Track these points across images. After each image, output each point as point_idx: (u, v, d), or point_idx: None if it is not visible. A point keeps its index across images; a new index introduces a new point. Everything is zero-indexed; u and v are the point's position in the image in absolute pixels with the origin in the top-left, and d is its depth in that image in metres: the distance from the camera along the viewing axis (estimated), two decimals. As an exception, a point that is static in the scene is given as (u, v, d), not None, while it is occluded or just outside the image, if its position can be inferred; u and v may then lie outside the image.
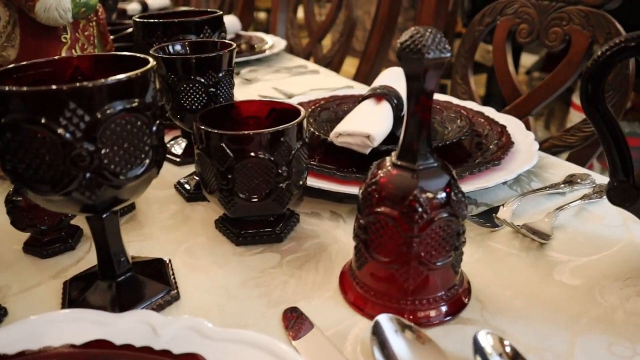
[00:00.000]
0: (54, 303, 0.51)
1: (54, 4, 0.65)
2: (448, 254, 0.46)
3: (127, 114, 0.39)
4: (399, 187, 0.44)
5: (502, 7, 1.01)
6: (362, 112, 0.75)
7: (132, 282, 0.49)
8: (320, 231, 0.61)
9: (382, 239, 0.46)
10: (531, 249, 0.58)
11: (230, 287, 0.52)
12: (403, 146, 0.45)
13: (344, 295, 0.51)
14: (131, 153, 0.40)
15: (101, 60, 0.47)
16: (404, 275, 0.46)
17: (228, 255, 0.57)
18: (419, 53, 0.41)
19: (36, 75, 0.45)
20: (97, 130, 0.38)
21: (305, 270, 0.54)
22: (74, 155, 0.38)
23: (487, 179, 0.67)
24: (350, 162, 0.71)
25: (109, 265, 0.48)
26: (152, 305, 0.48)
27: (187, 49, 0.67)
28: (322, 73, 1.28)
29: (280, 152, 0.53)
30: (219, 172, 0.53)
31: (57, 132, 0.37)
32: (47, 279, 0.55)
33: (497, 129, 0.81)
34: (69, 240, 0.59)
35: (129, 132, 0.40)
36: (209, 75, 0.62)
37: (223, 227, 0.61)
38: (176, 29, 0.72)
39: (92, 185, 0.39)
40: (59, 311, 0.44)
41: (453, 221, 0.45)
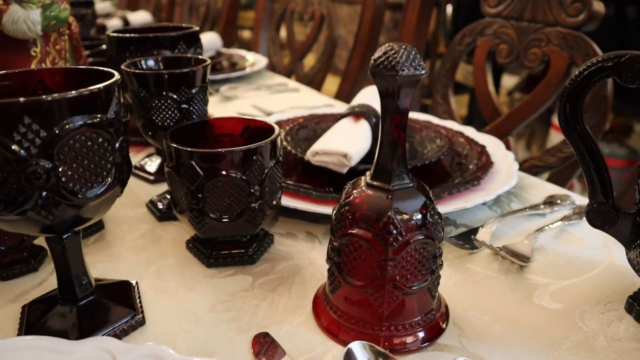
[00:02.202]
0: (10, 328, 0.48)
1: (22, 16, 0.63)
2: (424, 278, 0.44)
3: (87, 130, 0.37)
4: (373, 208, 0.43)
5: (482, 27, 1.01)
6: (339, 131, 0.73)
7: (95, 306, 0.47)
8: (295, 252, 0.59)
9: (355, 262, 0.44)
10: (511, 272, 0.56)
11: (198, 311, 0.50)
12: (377, 166, 0.44)
13: (317, 320, 0.49)
14: (92, 171, 0.38)
15: (66, 73, 0.45)
16: (379, 300, 0.44)
17: (198, 277, 0.55)
18: (392, 70, 0.39)
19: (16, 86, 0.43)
20: (55, 147, 0.36)
21: (278, 294, 0.52)
22: (29, 172, 0.36)
23: (466, 199, 0.66)
24: (327, 182, 0.70)
25: (69, 288, 0.46)
26: (115, 331, 0.45)
27: (160, 65, 0.65)
28: (303, 91, 1.27)
29: (253, 171, 0.51)
30: (189, 191, 0.51)
31: (10, 148, 0.35)
32: (6, 302, 0.52)
33: (477, 148, 0.80)
34: (31, 261, 0.56)
35: (89, 149, 0.38)
36: (181, 91, 0.60)
37: (194, 248, 0.58)
38: (150, 44, 0.70)
39: (49, 204, 0.37)
40: (13, 338, 0.41)
41: (429, 243, 0.44)
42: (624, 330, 0.47)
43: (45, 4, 0.64)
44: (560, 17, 0.89)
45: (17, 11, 0.63)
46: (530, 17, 0.93)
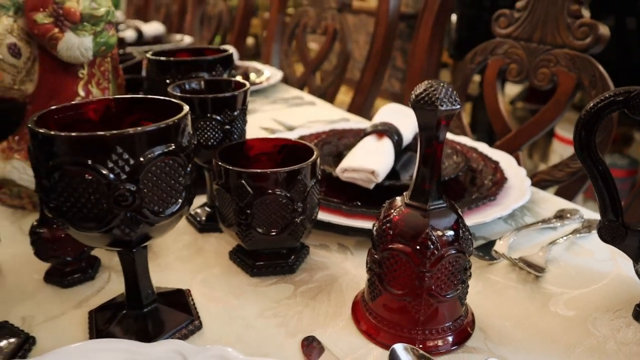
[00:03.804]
0: (79, 332, 0.53)
1: (76, 43, 0.69)
2: (456, 287, 0.50)
3: (165, 157, 0.42)
4: (412, 226, 0.48)
5: (492, 47, 1.06)
6: (365, 149, 0.79)
7: (158, 312, 0.52)
8: (330, 263, 0.65)
9: (395, 273, 0.49)
10: (527, 282, 0.61)
11: (248, 317, 0.55)
12: (415, 187, 0.49)
13: (357, 324, 0.54)
14: (168, 192, 0.44)
15: (135, 102, 0.50)
16: (416, 307, 0.49)
17: (243, 285, 0.60)
18: (432, 105, 0.45)
19: (75, 116, 0.48)
20: (140, 173, 0.41)
21: (319, 301, 0.58)
22: (118, 195, 0.41)
23: (484, 213, 0.71)
24: (353, 195, 0.75)
25: (136, 295, 0.51)
26: (177, 335, 0.51)
27: (202, 86, 0.71)
28: (318, 104, 1.32)
29: (297, 189, 0.57)
30: (238, 208, 0.57)
31: (103, 174, 0.40)
32: (70, 308, 0.57)
33: (490, 164, 0.85)
34: (88, 270, 0.62)
35: (167, 174, 0.43)
36: (225, 114, 0.65)
37: (237, 259, 0.64)
38: (189, 67, 0.75)
39: (131, 223, 0.42)
40: (90, 341, 0.46)
41: (461, 257, 0.49)
42: (632, 335, 0.53)
43: (96, 31, 0.69)
44: (568, 40, 0.94)
45: (71, 39, 0.68)
46: (539, 39, 0.98)
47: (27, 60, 0.72)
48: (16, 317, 0.55)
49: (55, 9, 0.67)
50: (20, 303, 0.58)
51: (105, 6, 0.69)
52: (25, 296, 0.59)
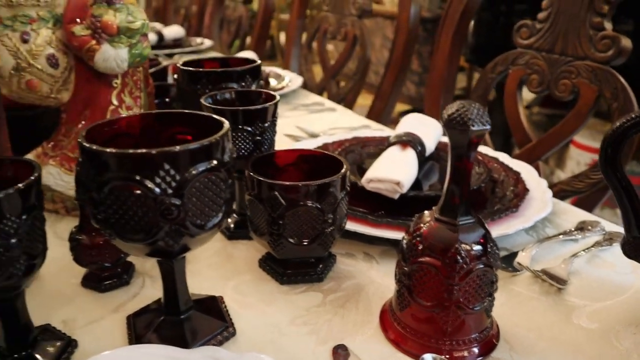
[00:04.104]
0: (119, 337, 0.55)
1: (112, 55, 0.71)
2: (483, 300, 0.51)
3: (208, 173, 0.44)
4: (441, 240, 0.50)
5: (513, 57, 1.08)
6: (390, 159, 0.80)
7: (194, 319, 0.54)
8: (356, 272, 0.66)
9: (424, 285, 0.51)
10: (550, 294, 0.63)
11: (279, 324, 0.57)
12: (445, 203, 0.51)
13: (385, 333, 0.56)
14: (210, 206, 0.46)
15: (176, 116, 0.53)
16: (444, 318, 0.51)
17: (274, 293, 0.62)
18: (464, 125, 0.46)
19: (117, 129, 0.51)
20: (185, 188, 0.43)
21: (347, 309, 0.59)
22: (164, 209, 0.43)
23: (506, 225, 0.72)
24: (376, 204, 0.76)
25: (174, 303, 0.53)
26: (213, 342, 0.53)
27: (232, 97, 0.73)
28: (339, 111, 1.34)
29: (327, 201, 0.59)
30: (271, 218, 0.59)
31: (151, 190, 0.42)
32: (108, 313, 0.59)
33: (512, 175, 0.86)
34: (124, 275, 0.64)
35: (209, 189, 0.45)
36: (256, 125, 0.67)
37: (267, 266, 0.66)
38: (219, 78, 0.77)
39: (175, 235, 0.45)
40: (133, 346, 0.48)
41: (488, 271, 0.51)
42: (655, 349, 0.54)
43: (132, 43, 0.72)
44: (590, 52, 0.95)
45: (108, 50, 0.70)
46: (560, 51, 0.99)
47: (64, 70, 0.74)
48: (57, 320, 0.57)
49: (93, 22, 0.70)
50: (60, 307, 0.60)
51: (140, 19, 0.72)
52: (65, 300, 0.61)
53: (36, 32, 0.71)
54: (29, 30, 0.71)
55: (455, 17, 1.20)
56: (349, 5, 1.57)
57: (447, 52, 1.22)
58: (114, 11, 0.70)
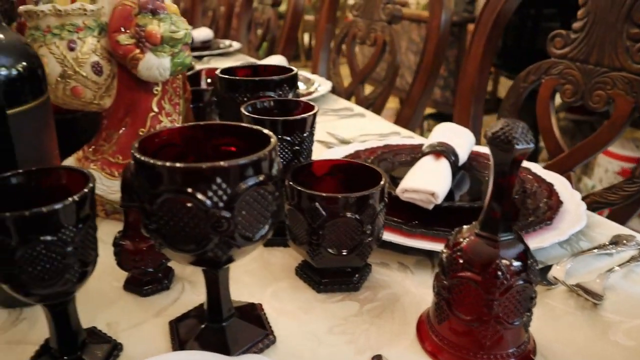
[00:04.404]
0: (162, 341, 0.57)
1: (155, 64, 0.73)
2: (522, 315, 0.52)
3: (257, 187, 0.46)
4: (482, 256, 0.51)
5: (547, 67, 1.08)
6: (424, 169, 0.81)
7: (236, 326, 0.55)
8: (391, 282, 0.67)
9: (464, 300, 0.52)
10: (586, 309, 0.63)
11: (318, 332, 0.58)
12: (486, 219, 0.51)
13: (421, 344, 0.56)
14: (258, 219, 0.47)
15: (223, 128, 0.54)
16: (482, 332, 0.52)
17: (311, 301, 0.63)
18: (509, 144, 0.47)
19: (165, 140, 0.52)
20: (235, 201, 0.44)
21: (384, 319, 0.60)
22: (214, 221, 0.44)
23: (540, 238, 0.72)
24: (409, 213, 0.77)
25: (217, 310, 0.54)
26: (254, 349, 0.54)
27: (271, 105, 0.74)
28: (368, 117, 1.35)
29: (367, 213, 0.60)
30: (311, 228, 0.60)
31: (203, 203, 0.43)
32: (151, 317, 0.61)
33: (544, 187, 0.86)
34: (164, 280, 0.65)
35: (258, 202, 0.46)
36: (295, 135, 0.68)
37: (303, 274, 0.67)
38: (258, 86, 0.79)
39: (224, 246, 0.46)
40: (181, 352, 0.50)
41: (528, 287, 0.51)
42: (693, 368, 0.54)
43: (174, 52, 0.73)
44: (627, 63, 0.95)
45: (151, 59, 0.72)
46: (596, 61, 0.99)
47: (107, 78, 0.76)
48: (102, 323, 0.59)
49: (137, 31, 0.72)
50: (103, 309, 0.62)
51: (183, 29, 0.73)
52: (108, 303, 0.63)
53: (82, 41, 0.73)
54: (76, 38, 0.73)
55: (488, 25, 1.20)
56: (378, 10, 1.58)
57: (479, 60, 1.22)
58: (158, 21, 0.71)
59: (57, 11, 0.71)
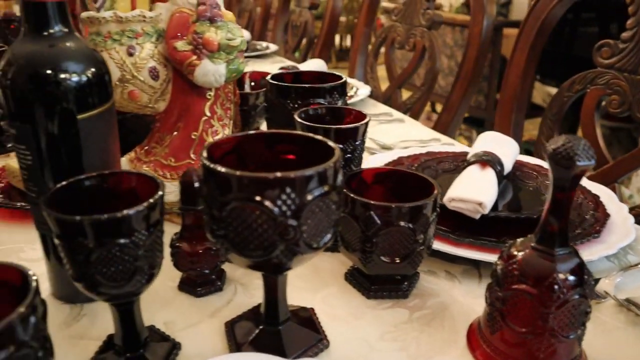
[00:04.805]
0: (218, 342, 0.59)
1: (211, 70, 0.75)
2: (576, 329, 0.52)
3: (323, 197, 0.47)
4: (539, 269, 0.51)
5: (593, 76, 1.07)
6: (471, 178, 0.81)
7: (291, 330, 0.57)
8: (439, 290, 0.68)
9: (519, 312, 0.52)
10: (637, 324, 0.63)
11: (369, 338, 0.59)
12: (543, 232, 0.52)
13: (472, 353, 0.57)
14: (321, 227, 0.48)
15: (285, 136, 0.55)
16: (537, 345, 0.52)
17: (361, 307, 0.64)
18: (570, 160, 0.47)
19: (227, 148, 0.54)
20: (302, 211, 0.46)
21: (433, 327, 0.61)
22: (282, 229, 0.46)
23: (588, 251, 0.72)
24: (455, 222, 0.77)
25: (274, 313, 0.56)
26: (309, 353, 0.55)
27: (323, 112, 0.75)
28: (407, 122, 1.36)
29: (420, 222, 0.60)
30: (365, 236, 0.61)
31: (272, 211, 0.45)
32: (205, 317, 0.63)
33: (590, 198, 0.86)
34: (217, 282, 0.67)
35: (323, 211, 0.47)
36: (347, 143, 0.70)
37: (353, 280, 0.68)
38: (309, 93, 0.80)
39: (289, 253, 0.47)
40: (241, 354, 0.52)
41: (583, 302, 0.51)
42: None
43: (229, 59, 0.75)
44: (675, 76, 0.94)
45: (207, 65, 0.74)
46: (644, 73, 0.98)
47: (163, 82, 0.79)
48: (159, 322, 0.61)
49: (195, 38, 0.73)
50: (160, 309, 0.64)
51: (239, 36, 0.75)
52: (164, 303, 0.65)
53: (141, 46, 0.75)
54: (135, 44, 0.75)
55: (532, 33, 1.20)
56: (418, 15, 1.58)
57: (522, 68, 1.22)
58: (215, 29, 0.73)
59: (118, 18, 0.74)
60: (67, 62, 0.56)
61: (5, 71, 0.56)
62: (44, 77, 0.55)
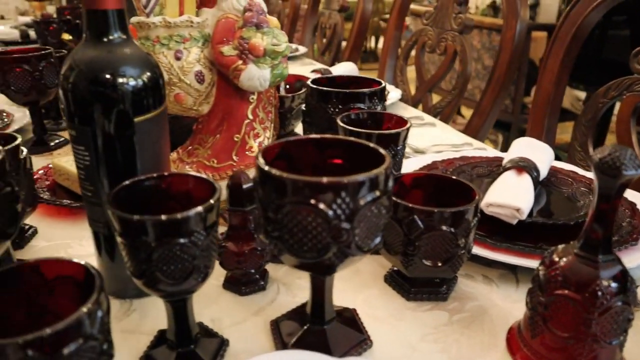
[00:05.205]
0: (264, 339, 0.61)
1: (256, 75, 0.77)
2: (619, 336, 0.53)
3: (374, 202, 0.49)
4: (582, 275, 0.52)
5: (629, 83, 1.07)
6: (507, 184, 0.82)
7: (336, 329, 0.59)
8: (477, 294, 0.69)
9: (561, 317, 0.53)
10: (676, 332, 0.64)
11: (411, 339, 0.61)
12: (586, 239, 0.53)
13: (512, 356, 0.58)
14: (372, 231, 0.50)
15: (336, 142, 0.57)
16: (578, 350, 0.53)
17: (402, 309, 0.66)
18: (617, 170, 0.48)
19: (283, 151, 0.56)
20: (355, 215, 0.47)
21: (473, 330, 0.62)
22: (335, 232, 0.47)
23: (627, 258, 0.73)
24: (490, 227, 0.78)
25: (320, 313, 0.58)
26: (353, 352, 0.57)
27: (364, 117, 0.77)
28: (439, 126, 1.37)
29: (462, 227, 0.62)
30: (408, 240, 0.62)
31: (327, 215, 0.46)
32: (250, 315, 0.65)
33: (627, 205, 0.86)
34: (260, 281, 0.69)
35: (373, 215, 0.49)
36: (389, 148, 0.71)
37: (393, 282, 0.70)
38: (349, 98, 0.82)
39: (340, 255, 0.49)
40: (289, 351, 0.53)
41: (626, 309, 0.52)
42: None
43: (274, 64, 0.77)
44: None
45: (252, 70, 0.76)
46: (681, 81, 0.98)
47: (208, 85, 0.81)
48: (206, 319, 0.63)
49: (241, 43, 0.76)
50: (207, 306, 0.66)
51: (283, 42, 0.77)
52: (210, 300, 0.67)
53: (188, 51, 0.78)
54: (182, 48, 0.77)
55: (567, 39, 1.20)
56: (450, 19, 1.59)
57: (556, 73, 1.22)
58: (261, 34, 0.75)
59: (167, 23, 0.76)
60: (125, 67, 0.59)
61: (67, 75, 0.59)
62: (103, 82, 0.58)
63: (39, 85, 1.10)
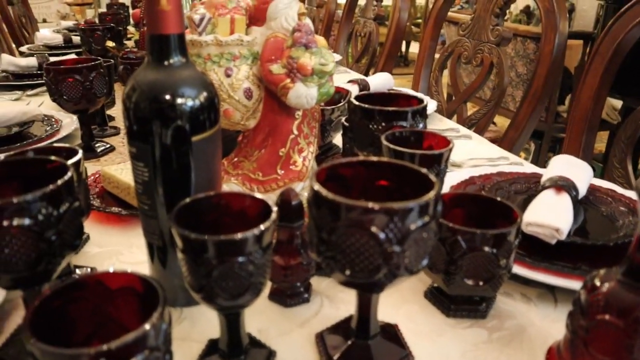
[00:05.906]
0: (309, 351, 0.63)
1: (304, 93, 0.79)
2: (660, 362, 0.54)
3: (424, 226, 0.51)
4: (625, 301, 0.54)
5: (669, 103, 1.07)
6: (547, 203, 0.84)
7: (379, 344, 0.61)
8: (515, 312, 0.71)
9: (603, 342, 0.55)
10: None
11: (452, 356, 0.63)
12: (629, 266, 0.54)
13: (552, 377, 0.60)
14: (420, 253, 0.52)
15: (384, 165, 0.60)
16: (619, 374, 0.55)
17: (442, 325, 0.68)
18: (662, 197, 0.50)
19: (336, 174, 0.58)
20: (406, 239, 0.50)
21: (512, 349, 0.64)
22: (387, 255, 0.50)
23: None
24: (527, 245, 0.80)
25: (365, 328, 0.60)
26: (396, 367, 0.59)
27: (407, 135, 0.79)
28: (475, 139, 1.38)
29: (504, 248, 0.64)
30: (449, 258, 0.64)
31: (380, 238, 0.49)
32: (296, 327, 0.67)
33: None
34: (305, 294, 0.72)
35: (423, 239, 0.51)
36: (432, 168, 0.73)
37: (433, 298, 0.72)
38: (391, 116, 0.84)
39: (390, 276, 0.51)
40: (337, 364, 0.56)
41: (668, 335, 0.54)
42: None
43: (321, 83, 0.79)
44: None
45: (300, 89, 0.79)
46: None
47: (255, 101, 0.84)
48: (254, 329, 0.66)
49: (290, 62, 0.78)
50: (253, 317, 0.69)
51: (330, 61, 0.79)
52: (257, 311, 0.70)
53: (237, 68, 0.81)
54: (232, 66, 0.80)
55: (607, 55, 1.20)
56: (487, 31, 1.60)
57: (595, 90, 1.22)
58: (310, 54, 0.78)
59: (219, 42, 0.79)
60: (184, 89, 0.62)
61: (129, 95, 0.62)
62: (164, 102, 0.61)
63: (89, 95, 1.15)
